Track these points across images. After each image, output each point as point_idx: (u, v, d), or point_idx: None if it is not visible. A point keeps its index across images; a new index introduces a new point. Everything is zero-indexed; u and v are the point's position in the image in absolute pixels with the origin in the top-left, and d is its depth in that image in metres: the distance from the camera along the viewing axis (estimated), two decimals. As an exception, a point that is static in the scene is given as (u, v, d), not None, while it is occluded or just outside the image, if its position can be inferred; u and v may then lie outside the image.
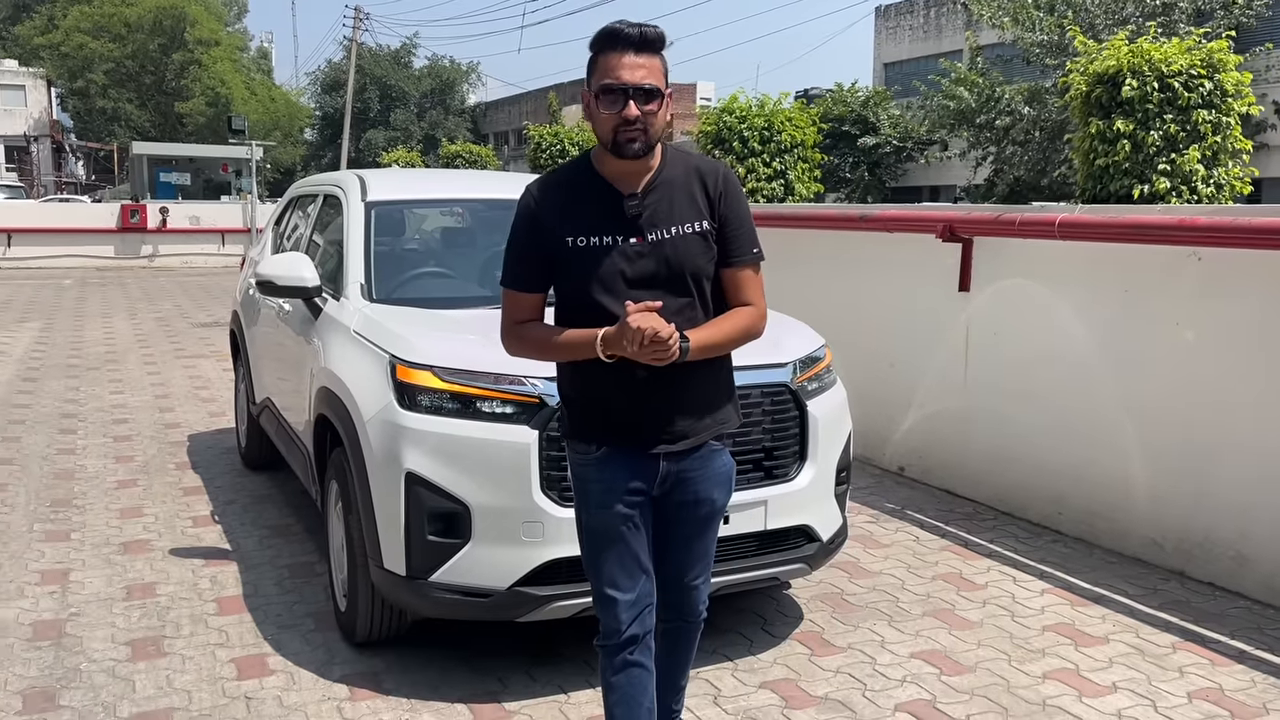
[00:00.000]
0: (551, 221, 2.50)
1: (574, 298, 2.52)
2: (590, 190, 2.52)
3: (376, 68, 54.35)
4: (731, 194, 2.59)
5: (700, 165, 2.60)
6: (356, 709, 3.40)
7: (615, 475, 2.57)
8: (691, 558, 2.72)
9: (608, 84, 2.41)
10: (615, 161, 2.48)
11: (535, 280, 2.57)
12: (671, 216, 2.50)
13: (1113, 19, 20.54)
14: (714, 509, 2.70)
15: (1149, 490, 4.79)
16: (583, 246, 2.48)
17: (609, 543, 2.60)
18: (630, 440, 2.56)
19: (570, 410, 2.65)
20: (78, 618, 4.08)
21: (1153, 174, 7.26)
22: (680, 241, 2.50)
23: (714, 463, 2.66)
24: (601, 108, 2.43)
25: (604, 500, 2.58)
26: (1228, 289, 4.45)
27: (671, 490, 2.62)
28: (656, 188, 2.52)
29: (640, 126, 2.41)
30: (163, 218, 23.47)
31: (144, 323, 13.35)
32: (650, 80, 2.41)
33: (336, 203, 4.90)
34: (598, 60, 2.45)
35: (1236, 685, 3.63)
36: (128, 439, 6.97)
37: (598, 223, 2.49)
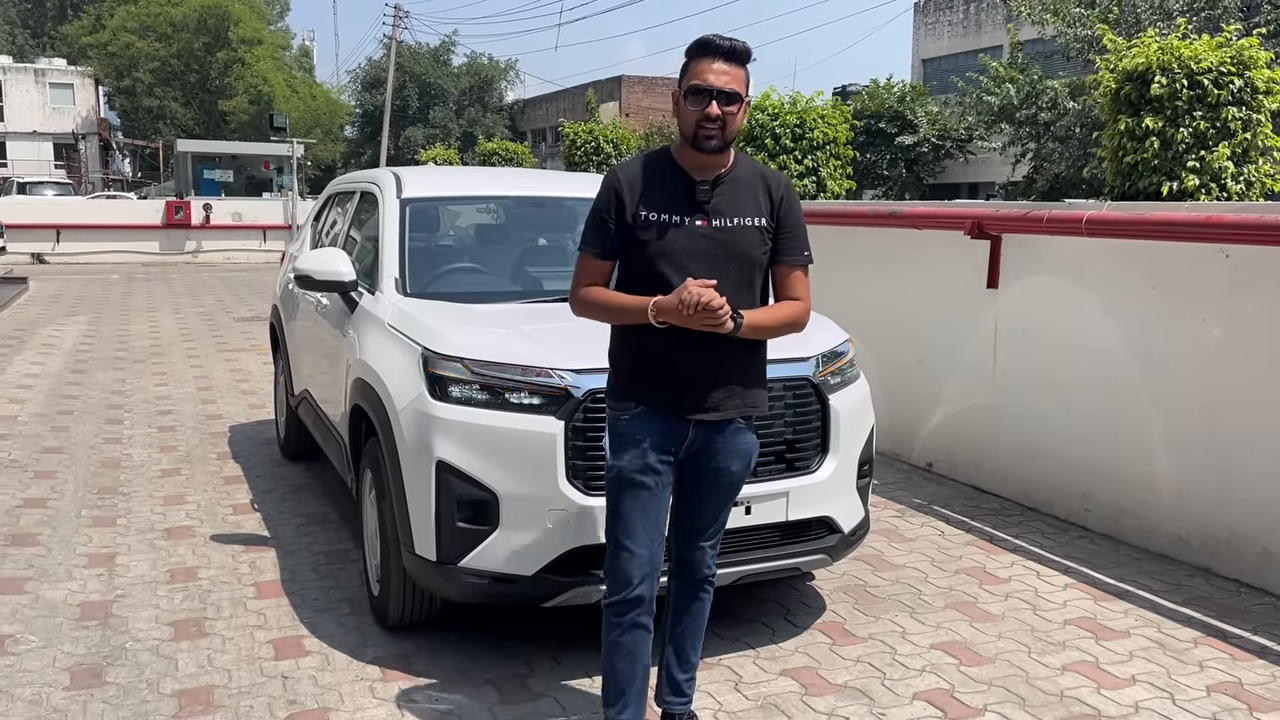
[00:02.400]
0: (630, 197, 2.82)
1: (639, 267, 2.81)
2: (668, 175, 2.85)
3: (416, 65, 54.80)
4: (791, 201, 2.91)
5: (765, 173, 2.94)
6: (388, 689, 3.52)
7: (648, 432, 2.84)
8: (704, 519, 2.99)
9: (696, 85, 2.74)
10: (693, 154, 2.81)
11: (607, 248, 2.85)
12: (736, 208, 2.83)
13: (1157, 13, 20.29)
14: (732, 479, 2.96)
15: (1175, 487, 4.80)
16: (654, 220, 2.80)
17: (636, 494, 2.85)
18: (667, 403, 2.83)
19: (617, 374, 2.94)
20: (123, 599, 4.24)
21: (1182, 171, 7.22)
22: (740, 231, 2.82)
23: (738, 438, 2.92)
24: (688, 105, 2.76)
25: (637, 452, 2.85)
26: (1255, 286, 4.45)
27: (696, 455, 2.89)
28: (726, 182, 2.84)
29: (719, 125, 2.75)
30: (206, 214, 23.92)
31: (187, 317, 13.62)
32: (733, 86, 2.75)
33: (373, 199, 5.02)
34: (690, 64, 2.79)
35: (1256, 680, 3.65)
36: (171, 429, 7.16)
37: (670, 202, 2.81)
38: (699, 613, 3.11)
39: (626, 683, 2.92)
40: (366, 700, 3.44)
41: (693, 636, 3.12)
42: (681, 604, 3.09)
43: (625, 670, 2.90)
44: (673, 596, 3.11)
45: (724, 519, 3.05)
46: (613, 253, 2.86)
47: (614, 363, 2.95)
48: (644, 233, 2.80)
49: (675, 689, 3.15)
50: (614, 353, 2.95)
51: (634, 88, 51.17)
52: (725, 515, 3.05)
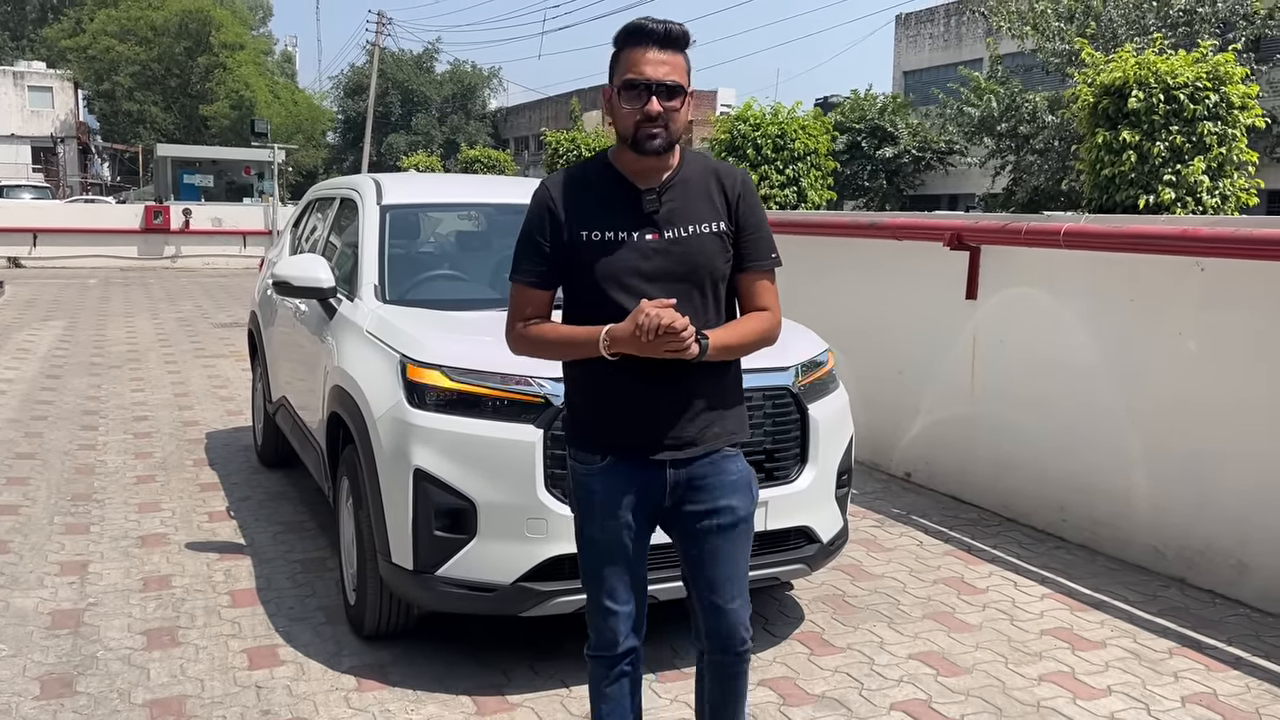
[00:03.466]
0: (566, 215, 2.46)
1: (586, 294, 2.46)
2: (607, 186, 2.49)
3: (399, 72, 54.73)
4: (749, 199, 2.54)
5: (718, 168, 2.56)
6: (364, 699, 3.49)
7: (621, 487, 2.50)
8: (720, 574, 2.54)
9: (630, 79, 2.38)
10: (634, 158, 2.45)
11: (545, 276, 2.50)
12: (689, 215, 2.47)
13: (1134, 29, 20.51)
14: (736, 518, 2.54)
15: (1151, 498, 4.83)
16: (597, 240, 2.43)
17: (611, 556, 2.54)
18: (635, 449, 2.48)
19: (574, 417, 2.59)
20: (95, 608, 4.19)
21: (1158, 185, 7.31)
22: (697, 240, 2.46)
23: (727, 467, 2.54)
24: (623, 103, 2.40)
25: (609, 511, 2.51)
26: (1230, 299, 4.49)
27: (685, 500, 2.52)
28: (674, 186, 2.48)
29: (661, 123, 2.39)
30: (186, 219, 23.75)
31: (165, 322, 13.52)
32: (673, 77, 2.38)
33: (353, 206, 5.00)
34: (621, 56, 2.42)
35: (1231, 690, 3.67)
36: (147, 436, 7.10)
37: (614, 217, 2.45)
38: (738, 692, 2.66)
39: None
40: (342, 710, 3.42)
41: (734, 706, 2.68)
42: (716, 679, 2.65)
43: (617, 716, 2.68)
44: (706, 669, 2.66)
45: (744, 568, 2.58)
46: (551, 279, 2.50)
47: (570, 409, 2.60)
48: (586, 254, 2.43)
49: None
50: (569, 397, 2.60)
51: (617, 97, 51.15)
52: (744, 564, 2.59)
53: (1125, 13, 20.67)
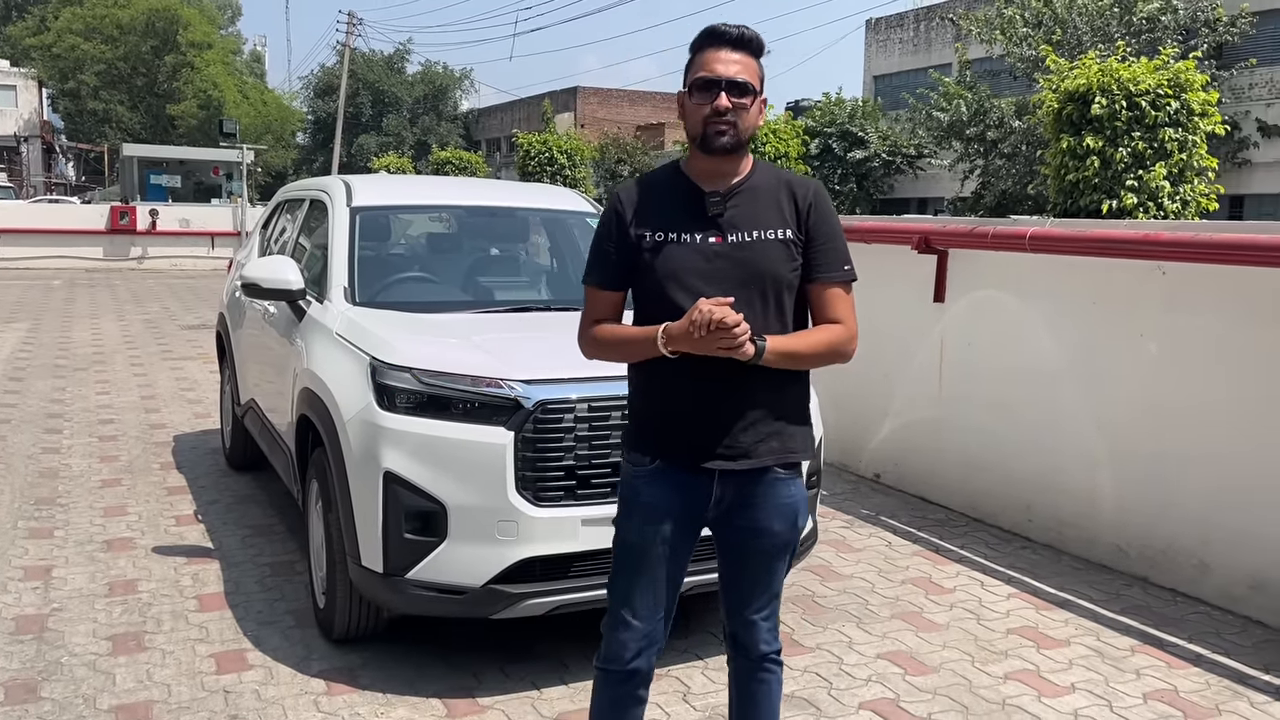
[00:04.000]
0: (632, 217, 2.48)
1: (649, 295, 2.46)
2: (674, 188, 2.50)
3: (369, 73, 54.43)
4: (822, 208, 2.49)
5: (791, 178, 2.55)
6: (333, 703, 3.48)
7: (666, 493, 2.48)
8: (752, 590, 2.57)
9: (702, 76, 2.40)
10: (703, 159, 2.46)
11: (612, 278, 2.52)
12: (755, 220, 2.44)
13: (1099, 36, 20.78)
14: (775, 543, 2.52)
15: (1115, 499, 4.90)
16: (659, 241, 2.44)
17: (641, 564, 2.52)
18: (686, 454, 2.45)
19: (632, 420, 2.59)
20: (60, 613, 4.15)
21: (1121, 190, 7.43)
22: (761, 246, 2.42)
23: (778, 490, 2.49)
24: (694, 100, 2.42)
25: (648, 517, 2.49)
26: (1190, 303, 4.56)
27: (729, 514, 2.49)
28: (742, 191, 2.46)
29: (730, 120, 2.38)
30: (152, 220, 23.49)
31: (131, 324, 13.38)
32: (744, 76, 2.39)
33: (322, 207, 4.98)
34: (695, 57, 2.44)
35: (1191, 687, 3.73)
36: (113, 439, 7.02)
37: (677, 219, 2.45)
38: (765, 696, 2.64)
39: None
40: (311, 714, 3.40)
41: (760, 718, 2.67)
42: (744, 687, 2.65)
43: None
44: (734, 678, 2.68)
45: (776, 587, 2.59)
46: (618, 281, 2.51)
47: (630, 412, 2.61)
48: (649, 255, 2.44)
49: None
50: (630, 400, 2.60)
51: (589, 99, 51.26)
52: (777, 583, 2.60)
53: (1090, 20, 20.95)
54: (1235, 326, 4.39)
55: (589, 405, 3.47)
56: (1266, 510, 4.24)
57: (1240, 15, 22.01)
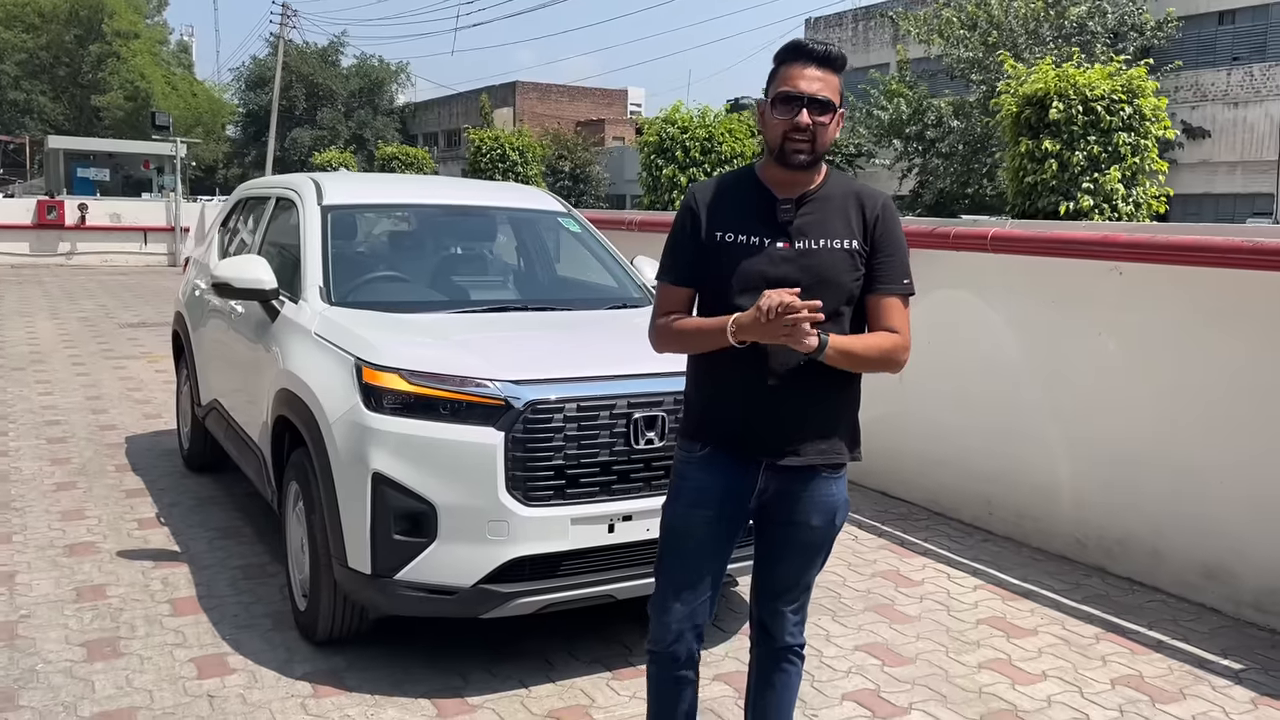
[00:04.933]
0: (706, 217, 2.58)
1: (716, 295, 2.55)
2: (748, 192, 2.59)
3: (303, 65, 53.55)
4: (888, 222, 2.57)
5: (861, 190, 2.62)
6: (321, 705, 3.46)
7: (712, 479, 2.58)
8: (781, 581, 2.68)
9: (785, 91, 2.47)
10: (778, 170, 2.55)
11: (685, 274, 2.61)
12: (823, 230, 2.53)
13: (1033, 38, 21.29)
14: (812, 537, 2.62)
15: (1073, 492, 5.06)
16: (730, 242, 2.53)
17: (686, 546, 2.62)
18: (736, 444, 2.56)
19: (688, 410, 2.69)
20: (29, 619, 4.06)
21: (1077, 192, 7.69)
22: (827, 255, 2.51)
23: (820, 488, 2.59)
24: (775, 114, 2.49)
25: (695, 500, 2.60)
26: (1146, 302, 4.73)
27: (771, 505, 2.60)
28: (813, 200, 2.55)
29: (809, 136, 2.46)
30: (82, 214, 22.86)
31: (67, 323, 13.02)
32: (826, 94, 2.46)
33: (290, 206, 4.93)
34: (779, 70, 2.52)
35: (1155, 672, 3.89)
36: (62, 441, 6.86)
37: (748, 222, 2.54)
38: (784, 686, 2.76)
39: None
40: (299, 717, 3.39)
41: (780, 716, 2.79)
42: (764, 675, 2.78)
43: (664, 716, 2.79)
44: (754, 664, 2.81)
45: (807, 582, 2.70)
46: (689, 279, 2.60)
47: (688, 400, 2.70)
48: (720, 255, 2.54)
49: None
50: (688, 390, 2.69)
51: (528, 94, 51.08)
52: (809, 578, 2.70)
53: (1024, 23, 21.46)
54: (1188, 324, 4.56)
55: (578, 405, 3.50)
56: (1219, 501, 4.42)
57: (1167, 20, 22.73)
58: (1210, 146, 24.85)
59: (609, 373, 3.62)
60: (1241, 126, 24.49)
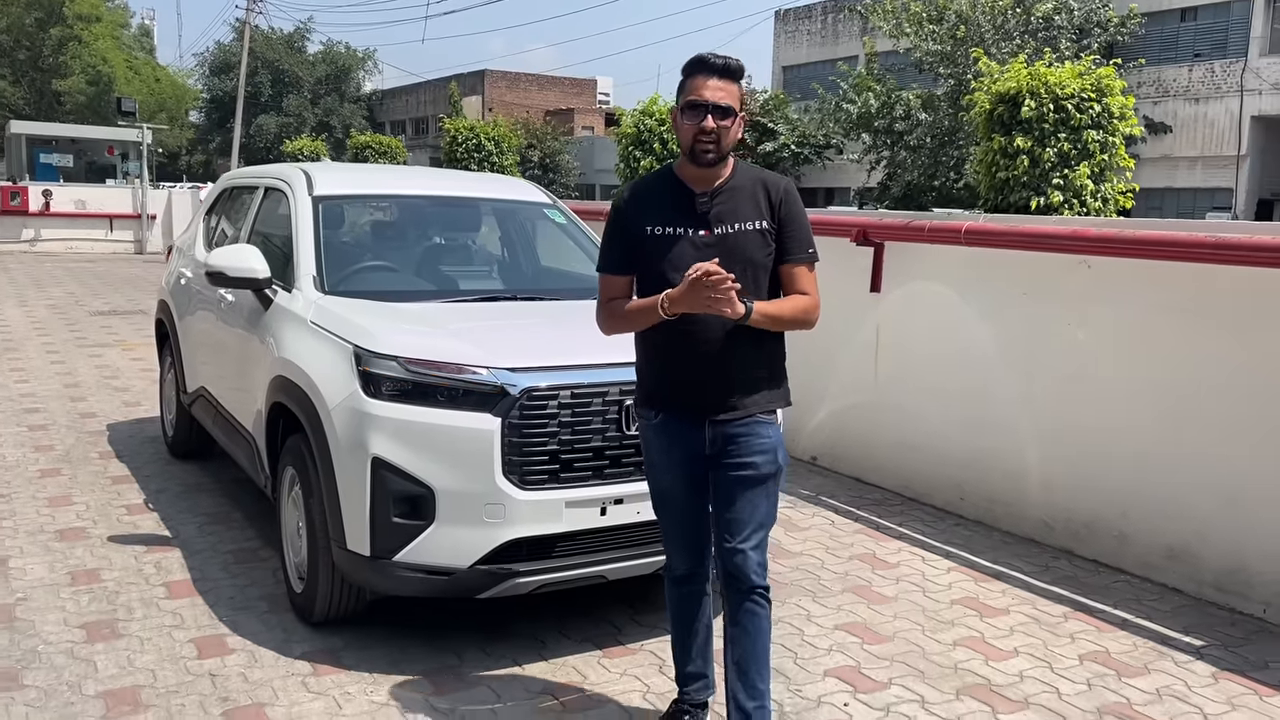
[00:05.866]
0: (635, 215, 2.98)
1: (651, 279, 2.93)
2: (669, 190, 2.99)
3: (269, 51, 53.01)
4: (791, 202, 2.99)
5: (765, 177, 3.02)
6: (321, 683, 3.56)
7: (670, 439, 3.01)
8: (736, 518, 2.96)
9: (692, 100, 2.87)
10: (692, 167, 2.94)
11: (620, 264, 3.02)
12: (736, 215, 2.93)
13: (999, 34, 21.57)
14: (756, 474, 2.95)
15: (1041, 478, 5.24)
16: (659, 235, 2.94)
17: (668, 496, 3.08)
18: (682, 407, 2.97)
19: (640, 382, 3.11)
20: (25, 602, 4.12)
21: (1048, 187, 7.91)
22: (742, 236, 2.92)
23: (759, 432, 2.96)
24: (685, 120, 2.89)
25: (661, 460, 3.05)
26: (1113, 294, 4.91)
27: (721, 452, 2.96)
28: (725, 191, 2.95)
29: (714, 138, 2.86)
30: (46, 201, 22.61)
31: (36, 310, 12.92)
32: (727, 101, 2.86)
33: (280, 196, 4.99)
34: (686, 82, 2.92)
35: (1121, 649, 4.07)
36: (43, 428, 6.87)
37: (673, 216, 2.94)
38: (756, 630, 2.98)
39: (689, 639, 3.19)
40: (301, 695, 3.48)
41: (755, 660, 2.99)
42: (736, 619, 2.99)
43: (685, 630, 3.19)
44: (728, 613, 3.01)
45: (760, 518, 2.98)
46: (625, 268, 3.01)
47: (638, 373, 3.11)
48: (651, 246, 2.94)
49: (741, 715, 3.00)
50: (638, 363, 3.10)
51: (497, 83, 50.88)
52: (761, 514, 2.98)
53: (992, 18, 21.72)
54: (1154, 316, 4.75)
55: (571, 392, 3.61)
56: (1181, 486, 4.61)
57: (1130, 16, 23.09)
58: (1171, 141, 25.30)
59: (601, 361, 3.72)
60: (1202, 122, 24.96)
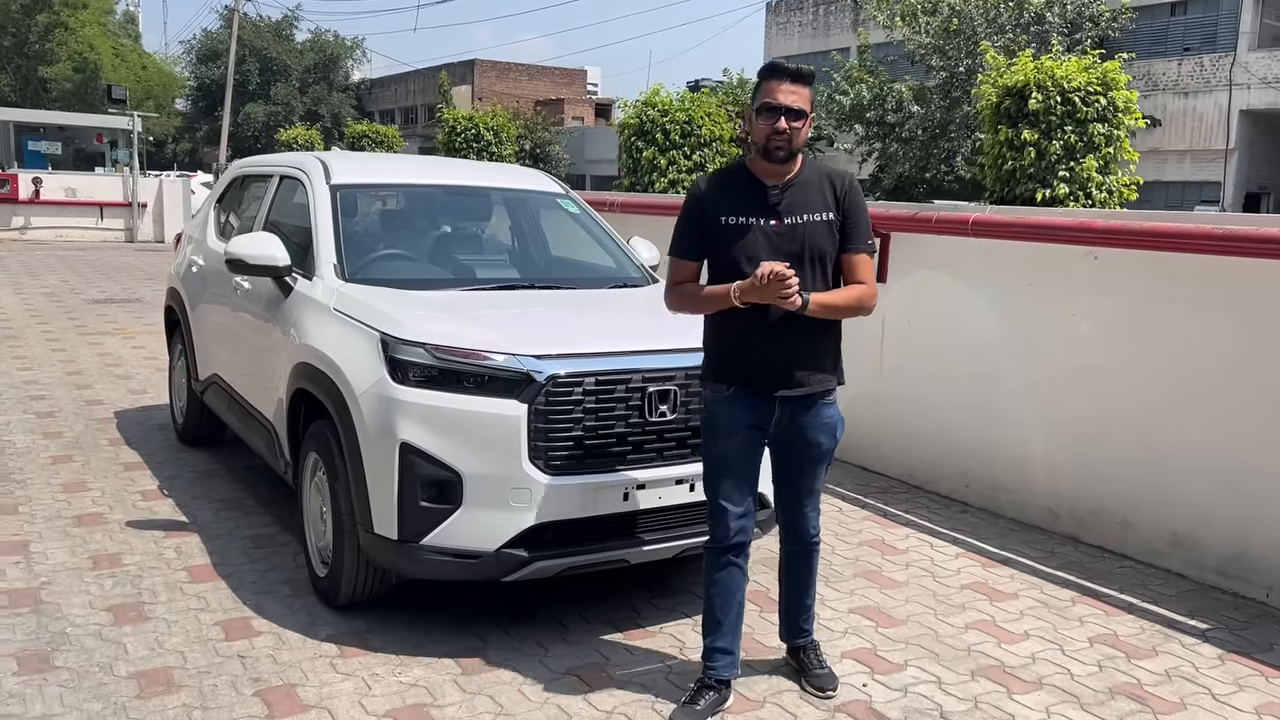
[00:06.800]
0: (711, 204, 3.26)
1: (723, 265, 3.22)
2: (743, 182, 3.28)
3: (257, 39, 52.75)
4: (854, 195, 3.29)
5: (831, 173, 3.32)
6: (349, 665, 3.61)
7: (738, 411, 3.28)
8: (802, 489, 3.45)
9: (766, 103, 3.17)
10: (764, 163, 3.24)
11: (694, 250, 3.31)
12: (805, 206, 3.23)
13: (992, 27, 21.66)
14: (820, 451, 3.37)
15: (1046, 466, 5.33)
16: (733, 224, 3.22)
17: (727, 465, 3.31)
18: (753, 383, 3.26)
19: (709, 357, 3.37)
20: (50, 586, 4.16)
21: (1054, 180, 8.00)
22: (810, 226, 3.22)
23: (822, 412, 3.34)
24: (760, 120, 3.19)
25: (728, 429, 3.29)
26: (1119, 285, 4.99)
27: (786, 431, 3.30)
28: (794, 184, 3.25)
29: (787, 137, 3.16)
30: (36, 189, 22.44)
31: (32, 298, 12.89)
32: (799, 104, 3.17)
33: (295, 185, 5.03)
34: (762, 85, 3.22)
35: (1128, 632, 4.16)
36: (51, 415, 6.89)
37: (746, 206, 3.23)
38: (810, 568, 3.58)
39: (722, 614, 3.40)
40: (330, 675, 3.54)
41: (802, 587, 3.59)
42: (791, 563, 3.58)
43: (720, 605, 3.39)
44: (784, 559, 3.58)
45: (819, 486, 3.47)
46: (697, 254, 3.30)
47: (707, 350, 3.37)
48: (724, 234, 3.21)
49: (795, 632, 3.65)
50: (707, 341, 3.37)
51: (487, 72, 50.75)
52: (819, 482, 3.46)
53: (985, 11, 21.82)
54: (1159, 307, 4.83)
55: (596, 379, 3.67)
56: (1186, 474, 4.71)
57: (1121, 10, 23.22)
58: (1160, 135, 25.46)
59: (625, 348, 3.79)
60: (1191, 116, 25.15)
